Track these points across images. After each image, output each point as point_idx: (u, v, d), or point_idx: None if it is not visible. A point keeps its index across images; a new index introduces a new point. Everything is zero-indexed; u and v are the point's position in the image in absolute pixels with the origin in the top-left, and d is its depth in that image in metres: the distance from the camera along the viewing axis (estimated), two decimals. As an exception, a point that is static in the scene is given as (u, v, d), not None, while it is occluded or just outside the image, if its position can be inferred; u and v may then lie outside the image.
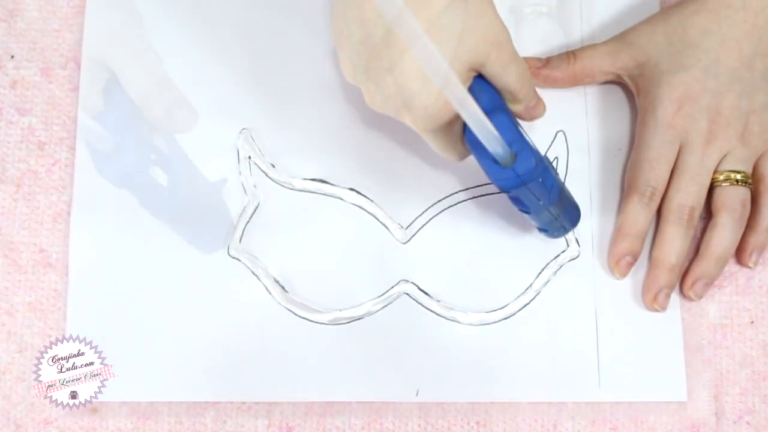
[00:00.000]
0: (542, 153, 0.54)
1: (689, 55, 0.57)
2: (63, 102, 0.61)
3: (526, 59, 0.60)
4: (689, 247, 0.58)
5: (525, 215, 0.55)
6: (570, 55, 0.60)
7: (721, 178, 0.57)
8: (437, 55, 0.42)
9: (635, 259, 0.58)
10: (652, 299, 0.58)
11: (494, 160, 0.50)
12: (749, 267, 0.59)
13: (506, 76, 0.51)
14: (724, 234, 0.57)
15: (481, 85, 0.51)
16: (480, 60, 0.50)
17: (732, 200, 0.57)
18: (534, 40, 0.62)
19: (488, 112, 0.47)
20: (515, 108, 0.54)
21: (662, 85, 0.57)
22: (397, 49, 0.49)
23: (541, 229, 0.57)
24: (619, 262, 0.58)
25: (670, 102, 0.57)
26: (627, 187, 0.59)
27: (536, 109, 0.56)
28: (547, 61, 0.60)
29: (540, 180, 0.51)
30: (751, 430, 0.58)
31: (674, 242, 0.57)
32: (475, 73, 0.51)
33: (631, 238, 0.58)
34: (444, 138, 0.52)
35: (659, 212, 0.58)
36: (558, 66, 0.60)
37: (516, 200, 0.53)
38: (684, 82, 0.57)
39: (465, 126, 0.48)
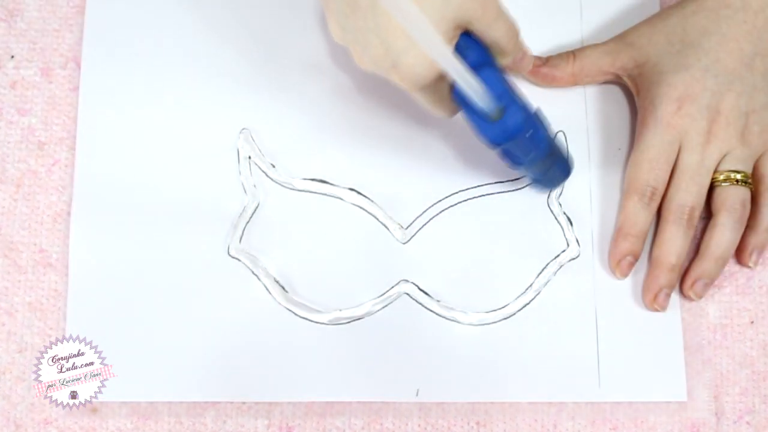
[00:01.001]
0: (534, 107, 0.54)
1: (689, 55, 0.57)
2: (63, 102, 0.61)
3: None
4: (689, 247, 0.58)
5: (516, 168, 0.55)
6: (570, 54, 0.60)
7: (721, 177, 0.57)
8: (419, 16, 0.42)
9: (636, 259, 0.58)
10: (652, 299, 0.58)
11: (482, 115, 0.50)
12: (749, 267, 0.59)
13: (493, 32, 0.51)
14: (724, 234, 0.57)
15: (468, 42, 0.51)
16: (466, 17, 0.50)
17: (732, 200, 0.57)
18: (534, 39, 0.62)
19: (476, 68, 0.48)
20: (503, 61, 0.53)
21: (662, 85, 0.57)
22: (383, 9, 0.49)
23: (535, 180, 0.58)
24: (620, 263, 0.58)
25: (669, 102, 0.57)
26: (627, 186, 0.59)
27: (523, 61, 0.56)
28: (547, 60, 0.60)
29: (530, 134, 0.51)
30: (752, 430, 0.58)
31: (674, 242, 0.57)
32: (461, 31, 0.51)
33: (631, 238, 0.58)
34: (433, 95, 0.52)
35: (659, 212, 0.58)
36: (558, 65, 0.60)
37: (506, 154, 0.53)
38: (684, 81, 0.57)
39: (453, 82, 0.49)
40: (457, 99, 0.51)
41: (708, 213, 0.59)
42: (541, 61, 0.60)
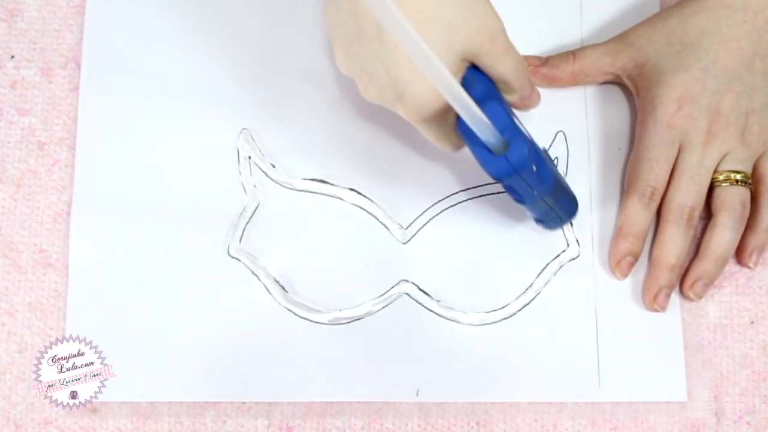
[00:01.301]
0: (541, 146, 0.54)
1: (689, 56, 0.57)
2: (63, 102, 0.61)
3: (526, 57, 0.59)
4: (689, 247, 0.58)
5: (520, 205, 0.55)
6: (569, 54, 0.60)
7: (721, 178, 0.57)
8: (425, 48, 0.42)
9: (636, 259, 0.58)
10: (652, 299, 0.58)
11: (486, 148, 0.49)
12: (749, 267, 0.59)
13: (500, 67, 0.51)
14: (723, 234, 0.57)
15: (475, 75, 0.51)
16: (473, 51, 0.50)
17: (732, 200, 0.57)
18: (534, 39, 0.62)
19: (480, 101, 0.47)
20: (510, 98, 0.54)
21: (662, 85, 0.57)
22: (389, 39, 0.49)
23: (538, 220, 0.58)
24: (620, 263, 0.58)
25: (669, 102, 0.57)
26: (627, 187, 0.59)
27: (531, 99, 0.56)
28: (546, 60, 0.60)
29: (534, 169, 0.51)
30: (752, 430, 0.58)
31: (674, 242, 0.57)
32: (468, 64, 0.51)
33: (631, 238, 0.58)
34: (438, 128, 0.52)
35: (659, 212, 0.58)
36: (557, 65, 0.60)
37: (510, 189, 0.53)
38: (683, 82, 0.57)
39: (458, 115, 0.48)
40: (462, 132, 0.50)
41: (708, 213, 0.59)
42: (541, 62, 0.60)
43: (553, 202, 0.55)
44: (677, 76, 0.57)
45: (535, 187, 0.52)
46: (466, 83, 0.50)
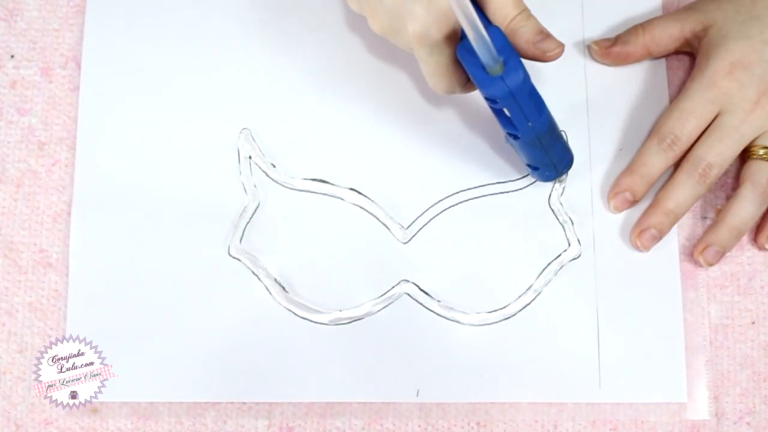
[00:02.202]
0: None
1: (753, 26, 0.57)
2: (63, 102, 0.61)
3: (596, 41, 0.61)
4: (694, 202, 0.58)
5: (514, 145, 0.55)
6: (638, 28, 0.61)
7: (760, 152, 0.57)
8: None
9: (634, 198, 0.59)
10: (638, 234, 0.58)
11: (484, 69, 0.51)
12: (766, 249, 0.59)
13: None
14: (743, 205, 0.57)
15: (479, 9, 0.52)
16: None
17: (759, 175, 0.57)
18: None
19: (484, 26, 0.49)
20: (518, 37, 0.53)
21: (720, 48, 0.58)
22: None
23: (533, 167, 0.58)
24: (617, 195, 0.59)
25: (723, 64, 0.57)
26: (652, 130, 0.59)
27: (544, 44, 0.54)
28: (616, 39, 0.61)
29: (529, 99, 0.52)
30: (752, 430, 0.58)
31: (678, 188, 0.58)
32: None
33: (636, 176, 0.58)
34: (438, 57, 0.53)
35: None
36: (628, 41, 0.61)
37: (505, 120, 0.53)
38: (742, 49, 0.57)
39: (459, 42, 0.50)
40: (461, 55, 0.51)
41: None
42: (611, 42, 0.61)
43: (549, 144, 0.55)
44: (738, 43, 0.57)
45: (530, 119, 0.53)
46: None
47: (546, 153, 0.56)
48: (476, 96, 0.61)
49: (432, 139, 0.61)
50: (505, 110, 0.52)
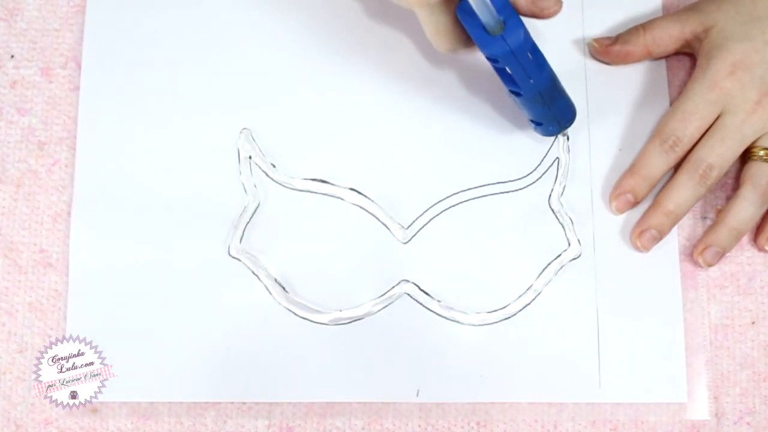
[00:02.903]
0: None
1: (755, 27, 0.57)
2: (63, 102, 0.61)
3: (596, 39, 0.61)
4: (694, 202, 0.58)
5: (517, 101, 0.56)
6: (639, 28, 0.61)
7: (761, 153, 0.57)
8: None
9: (636, 200, 0.59)
10: (638, 235, 0.58)
11: (484, 29, 0.51)
12: (765, 251, 0.59)
13: None
14: (743, 206, 0.57)
15: None
16: None
17: (760, 176, 0.57)
18: (534, 39, 0.62)
19: None
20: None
21: (722, 48, 0.58)
22: None
23: (536, 123, 0.58)
24: (619, 197, 0.59)
25: (724, 64, 0.57)
26: (653, 132, 0.59)
27: (542, 1, 0.54)
28: (617, 38, 0.61)
29: (530, 57, 0.52)
30: (752, 430, 0.58)
31: (679, 189, 0.58)
32: None
33: (637, 177, 0.59)
34: (439, 16, 0.53)
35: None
36: (629, 40, 0.61)
37: (506, 77, 0.54)
38: (744, 50, 0.57)
39: (458, 1, 0.51)
40: (461, 14, 0.51)
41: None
42: (611, 40, 0.61)
43: (550, 99, 0.56)
44: (740, 44, 0.57)
45: (532, 76, 0.53)
46: None
47: (549, 108, 0.56)
48: (476, 95, 0.61)
49: (432, 139, 0.61)
50: (507, 69, 0.53)
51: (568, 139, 0.60)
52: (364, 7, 0.62)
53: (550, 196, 0.60)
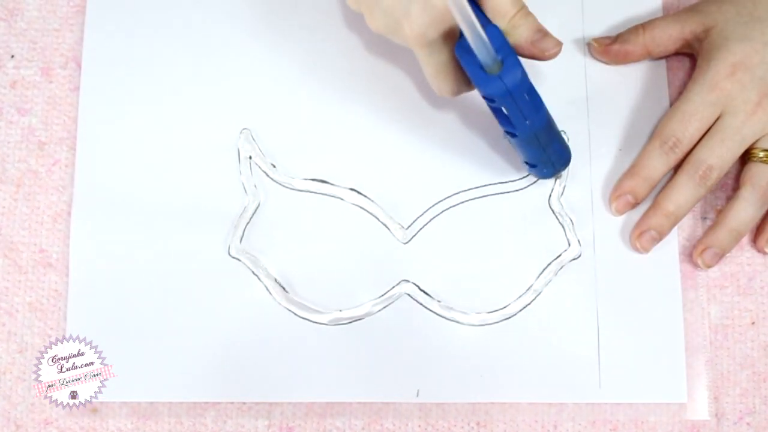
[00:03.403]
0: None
1: (755, 28, 0.57)
2: (63, 102, 0.61)
3: (596, 39, 0.61)
4: (693, 203, 0.58)
5: (512, 142, 0.55)
6: (639, 28, 0.61)
7: (761, 155, 0.57)
8: None
9: (636, 201, 0.59)
10: (638, 236, 0.58)
11: (482, 69, 0.50)
12: (765, 252, 0.59)
13: None
14: (743, 207, 0.57)
15: (477, 8, 0.52)
16: None
17: (759, 177, 0.57)
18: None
19: (482, 24, 0.49)
20: (516, 35, 0.53)
21: (722, 49, 0.57)
22: None
23: (530, 165, 0.58)
24: (618, 198, 0.59)
25: (724, 65, 0.57)
26: (653, 133, 0.59)
27: (542, 43, 0.54)
28: (617, 38, 0.61)
29: (527, 97, 0.52)
30: (752, 430, 0.58)
31: (678, 190, 0.58)
32: None
33: (638, 178, 0.58)
34: (438, 56, 0.53)
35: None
36: (628, 39, 0.60)
37: (503, 118, 0.53)
38: (743, 50, 0.57)
39: (457, 40, 0.50)
40: (459, 54, 0.51)
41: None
42: (611, 39, 0.61)
43: (546, 141, 0.55)
44: (740, 44, 0.57)
45: (528, 117, 0.53)
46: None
47: (543, 151, 0.56)
48: (476, 96, 0.61)
49: (432, 139, 0.61)
50: (503, 108, 0.52)
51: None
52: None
53: (550, 196, 0.60)
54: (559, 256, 0.59)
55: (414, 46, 0.52)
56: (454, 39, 0.52)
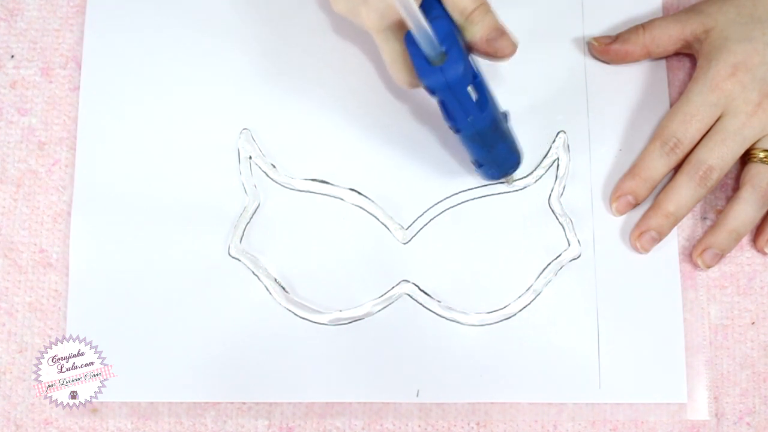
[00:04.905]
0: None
1: (755, 29, 0.57)
2: (63, 102, 0.61)
3: (596, 38, 0.61)
4: (693, 204, 0.58)
5: (458, 138, 0.54)
6: (639, 27, 0.61)
7: (761, 155, 0.57)
8: None
9: (636, 201, 0.59)
10: (638, 236, 0.59)
11: (426, 60, 0.50)
12: (765, 253, 0.59)
13: None
14: (742, 208, 0.57)
15: (435, 3, 0.51)
16: None
17: (760, 178, 0.57)
18: (534, 38, 0.62)
19: (432, 17, 0.48)
20: (472, 32, 0.52)
21: (723, 50, 0.58)
22: None
23: (477, 164, 0.57)
24: (619, 198, 0.59)
25: (725, 66, 0.57)
26: (654, 133, 0.59)
27: (498, 42, 0.53)
28: (617, 37, 0.61)
29: (470, 93, 0.51)
30: (752, 430, 0.58)
31: (679, 191, 0.58)
32: None
33: (638, 179, 0.59)
34: (393, 44, 0.52)
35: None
36: (628, 39, 0.60)
37: (445, 111, 0.53)
38: (744, 50, 0.57)
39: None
40: (408, 42, 0.51)
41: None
42: (611, 39, 0.61)
43: (491, 142, 0.55)
44: (740, 44, 0.57)
45: (470, 114, 0.52)
46: (425, 4, 0.51)
47: (488, 151, 0.55)
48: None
49: (432, 140, 0.61)
50: (444, 102, 0.52)
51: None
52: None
53: (550, 196, 0.60)
54: (559, 256, 0.59)
55: (371, 31, 0.52)
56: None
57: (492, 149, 0.55)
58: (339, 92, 0.61)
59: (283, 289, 0.59)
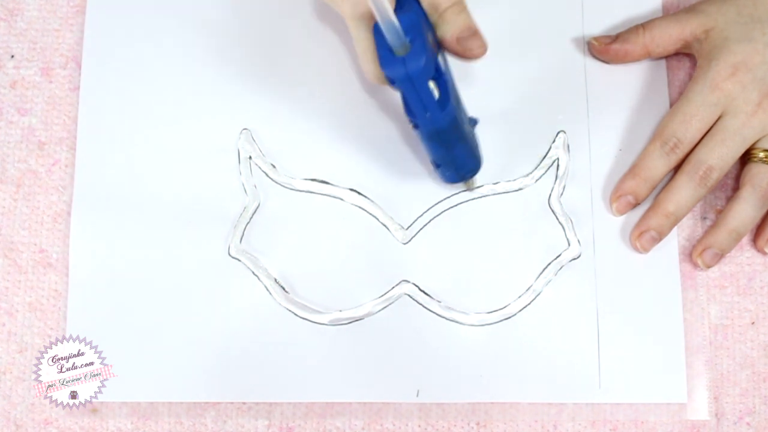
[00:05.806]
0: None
1: (755, 29, 0.57)
2: (63, 102, 0.61)
3: (596, 37, 0.61)
4: (694, 204, 0.58)
5: (417, 136, 0.54)
6: (639, 27, 0.60)
7: (760, 155, 0.57)
8: None
9: (636, 201, 0.59)
10: (638, 236, 0.59)
11: (390, 49, 0.49)
12: (765, 253, 0.59)
13: None
14: (742, 207, 0.57)
15: (412, 3, 0.51)
16: None
17: (760, 177, 0.57)
18: (535, 38, 0.62)
19: (404, 10, 0.48)
20: (444, 29, 0.52)
21: (723, 50, 0.58)
22: None
23: (436, 164, 0.57)
24: (619, 198, 0.59)
25: (725, 66, 0.57)
26: (654, 133, 0.59)
27: (468, 41, 0.53)
28: (617, 37, 0.61)
29: (431, 89, 0.50)
30: (752, 430, 0.58)
31: (678, 191, 0.58)
32: None
33: (638, 179, 0.59)
34: (365, 33, 0.52)
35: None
36: (628, 39, 0.60)
37: (405, 105, 0.52)
38: (744, 50, 0.57)
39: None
40: (375, 32, 0.50)
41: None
42: (611, 38, 0.61)
43: (451, 142, 0.54)
44: (740, 44, 0.57)
45: (429, 110, 0.51)
46: (399, 4, 0.50)
47: (447, 152, 0.55)
48: (476, 97, 0.61)
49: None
50: (404, 94, 0.51)
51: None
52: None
53: (550, 196, 0.60)
54: (559, 256, 0.59)
55: (345, 17, 0.52)
56: None
57: (450, 150, 0.55)
58: (339, 92, 0.61)
59: (283, 289, 0.59)
